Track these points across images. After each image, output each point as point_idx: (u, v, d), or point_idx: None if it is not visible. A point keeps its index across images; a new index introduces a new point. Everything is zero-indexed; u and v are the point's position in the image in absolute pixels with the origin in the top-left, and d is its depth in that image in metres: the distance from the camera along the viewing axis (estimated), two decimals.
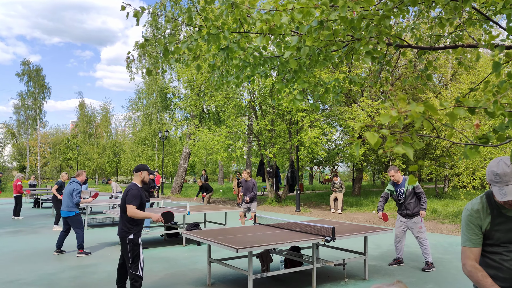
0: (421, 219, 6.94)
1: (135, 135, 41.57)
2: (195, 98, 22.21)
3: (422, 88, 21.55)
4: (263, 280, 6.24)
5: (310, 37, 2.57)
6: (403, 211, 7.07)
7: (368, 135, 1.53)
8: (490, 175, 2.19)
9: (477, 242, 2.33)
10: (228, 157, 18.75)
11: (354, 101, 21.18)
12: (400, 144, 1.51)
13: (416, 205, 6.97)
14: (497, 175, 2.14)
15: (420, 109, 1.46)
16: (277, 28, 2.54)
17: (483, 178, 12.88)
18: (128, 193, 5.03)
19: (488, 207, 2.30)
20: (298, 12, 2.36)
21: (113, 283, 6.06)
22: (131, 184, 5.24)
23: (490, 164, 2.21)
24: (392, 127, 18.49)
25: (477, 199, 2.36)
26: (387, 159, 22.40)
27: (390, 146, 1.53)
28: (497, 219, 2.28)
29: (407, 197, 6.97)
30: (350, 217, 14.43)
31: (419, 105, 1.50)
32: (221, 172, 48.30)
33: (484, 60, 19.99)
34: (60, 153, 55.20)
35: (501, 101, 1.62)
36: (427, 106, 1.49)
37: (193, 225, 9.49)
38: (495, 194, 2.17)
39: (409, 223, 7.02)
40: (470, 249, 2.33)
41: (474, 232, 2.32)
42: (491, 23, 3.06)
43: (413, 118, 1.49)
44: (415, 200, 6.98)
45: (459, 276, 6.38)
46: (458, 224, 11.94)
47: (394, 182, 7.19)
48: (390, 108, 1.52)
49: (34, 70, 46.23)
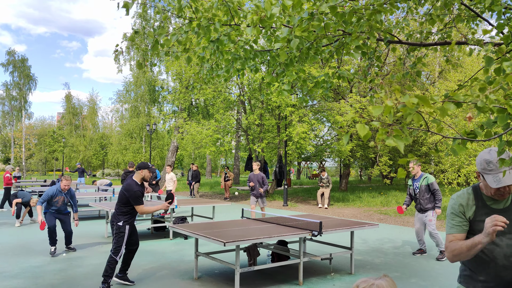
0: (432, 213, 7.25)
1: (122, 127, 41.20)
2: (184, 92, 22.07)
3: (410, 85, 21.73)
4: (250, 274, 6.25)
5: (300, 27, 2.56)
6: (417, 205, 7.43)
7: (358, 126, 1.53)
8: (483, 163, 2.18)
9: (461, 228, 2.32)
10: (216, 151, 18.70)
11: (343, 97, 21.28)
12: (391, 136, 1.51)
13: (429, 202, 7.27)
14: (490, 162, 2.14)
15: (414, 101, 1.47)
16: (267, 19, 2.52)
17: (468, 175, 13.08)
18: (130, 194, 5.35)
19: (474, 199, 2.32)
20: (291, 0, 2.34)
21: (98, 276, 6.01)
22: (131, 181, 5.42)
23: (481, 154, 2.21)
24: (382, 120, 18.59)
25: (463, 191, 2.37)
26: (374, 155, 22.58)
27: (382, 138, 1.52)
28: (481, 210, 2.29)
29: (420, 192, 7.30)
30: (337, 212, 14.54)
31: (413, 97, 1.50)
32: (209, 166, 48.19)
33: (472, 58, 20.24)
34: (45, 145, 54.43)
35: (489, 96, 1.63)
36: (421, 99, 1.49)
37: (181, 219, 9.46)
38: (489, 182, 2.16)
39: (422, 217, 7.36)
40: (453, 235, 2.33)
41: (458, 220, 2.33)
42: (477, 21, 3.09)
43: (406, 111, 1.49)
44: (429, 196, 7.28)
45: (442, 271, 6.48)
46: (443, 220, 12.12)
47: (413, 176, 7.53)
48: (386, 98, 1.52)
49: (20, 60, 45.42)
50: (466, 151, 10.04)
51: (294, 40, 2.64)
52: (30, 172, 54.71)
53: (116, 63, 31.65)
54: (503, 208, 2.26)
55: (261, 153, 19.22)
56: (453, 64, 16.88)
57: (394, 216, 13.13)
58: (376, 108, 1.51)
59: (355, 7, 2.59)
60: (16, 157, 48.47)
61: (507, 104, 1.70)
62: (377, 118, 1.71)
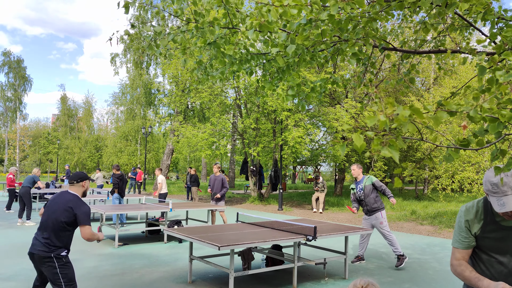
0: (381, 215, 7.12)
1: (117, 130, 41.07)
2: (180, 95, 22.07)
3: (405, 91, 21.87)
4: (244, 278, 6.25)
5: (300, 36, 2.59)
6: (364, 208, 7.31)
7: (354, 137, 1.54)
8: (488, 185, 2.11)
9: (466, 244, 2.29)
10: (212, 154, 18.69)
11: (338, 102, 21.36)
12: (386, 147, 1.53)
13: (375, 201, 7.16)
14: (494, 185, 2.07)
15: (406, 113, 1.49)
16: (268, 24, 2.55)
17: (462, 181, 13.16)
18: (81, 211, 3.92)
19: (482, 213, 2.25)
20: (293, 8, 2.36)
21: (93, 279, 5.99)
22: (73, 196, 4.02)
23: (487, 174, 2.14)
24: (375, 129, 18.71)
25: (473, 202, 2.30)
26: (369, 160, 22.67)
27: (377, 148, 1.54)
28: (488, 226, 2.23)
29: (365, 193, 7.19)
30: (332, 217, 14.56)
31: (405, 108, 1.52)
32: (205, 170, 48.11)
33: (466, 65, 20.41)
34: (40, 146, 54.15)
35: (482, 105, 1.66)
36: (413, 110, 1.52)
37: (175, 222, 9.45)
38: (493, 204, 2.10)
39: (371, 220, 7.22)
40: (458, 250, 2.30)
41: (463, 235, 2.29)
42: (470, 30, 3.14)
43: (400, 122, 1.51)
44: (374, 196, 7.18)
45: (436, 277, 6.51)
46: (437, 225, 12.18)
47: (355, 180, 7.39)
48: (378, 112, 1.54)
49: (15, 61, 45.25)
50: (460, 157, 10.07)
51: (290, 46, 2.66)
52: (24, 174, 54.36)
53: (113, 65, 31.62)
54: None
55: (256, 157, 19.23)
56: (445, 72, 17.01)
57: (388, 221, 13.18)
58: (371, 118, 1.53)
59: (351, 14, 2.63)
60: (10, 158, 48.15)
61: (499, 113, 1.73)
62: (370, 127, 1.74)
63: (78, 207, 3.93)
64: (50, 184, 18.32)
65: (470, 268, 2.23)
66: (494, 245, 2.24)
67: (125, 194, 11.69)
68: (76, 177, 4.10)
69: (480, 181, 12.78)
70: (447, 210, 15.00)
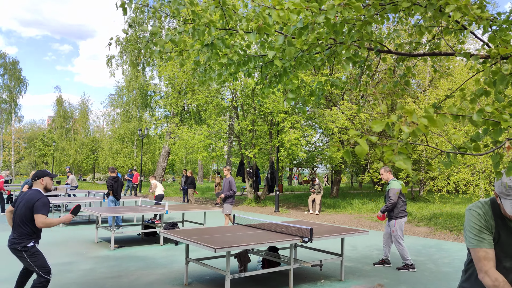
0: (394, 223, 7.08)
1: (114, 132, 40.96)
2: (176, 96, 22.05)
3: (401, 94, 21.96)
4: (240, 280, 6.25)
5: (300, 40, 2.60)
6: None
7: (361, 142, 1.48)
8: (501, 186, 2.02)
9: (492, 243, 2.07)
10: (208, 156, 18.68)
11: (335, 104, 21.42)
12: (399, 157, 1.46)
13: (392, 208, 7.11)
14: (510, 187, 1.98)
15: (425, 122, 1.44)
16: (268, 27, 2.56)
17: (457, 183, 13.22)
18: (36, 202, 4.36)
19: (493, 216, 2.13)
20: (292, 13, 2.38)
21: (89, 281, 5.97)
22: (34, 191, 4.48)
23: (504, 177, 2.04)
24: (381, 134, 18.76)
25: (481, 203, 2.18)
26: (365, 162, 22.72)
27: (390, 159, 1.50)
28: (500, 229, 2.11)
29: (386, 198, 7.18)
30: (328, 219, 14.58)
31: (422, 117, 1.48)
32: (201, 172, 48.08)
33: (460, 67, 20.53)
34: (35, 148, 53.91)
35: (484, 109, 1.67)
36: (429, 119, 1.48)
37: (171, 224, 9.43)
38: (506, 207, 2.00)
39: (388, 224, 7.24)
40: (486, 250, 2.03)
41: (486, 232, 2.09)
42: (465, 33, 3.16)
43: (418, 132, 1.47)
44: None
45: (432, 278, 6.54)
46: (433, 227, 12.22)
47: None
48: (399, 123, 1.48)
49: (10, 63, 45.03)
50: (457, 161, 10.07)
51: (288, 48, 2.67)
52: (19, 176, 54.08)
53: (109, 67, 31.55)
54: None
55: (253, 159, 19.23)
56: (441, 74, 17.10)
57: (385, 223, 13.21)
58: (377, 123, 1.48)
59: (346, 17, 2.65)
60: (5, 160, 47.90)
61: (501, 118, 1.73)
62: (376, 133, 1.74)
63: (35, 198, 4.41)
64: None
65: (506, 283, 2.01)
66: (505, 250, 2.14)
67: (120, 197, 11.65)
68: (34, 176, 4.62)
69: (476, 183, 12.84)
70: (442, 211, 15.06)
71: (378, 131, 1.51)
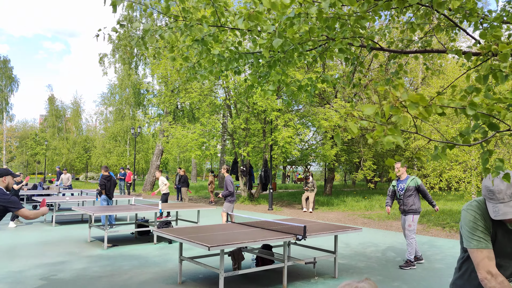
0: (412, 218, 7.14)
1: (106, 130, 40.75)
2: (169, 95, 21.96)
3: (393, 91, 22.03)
4: (234, 278, 6.25)
5: (290, 30, 2.59)
6: (400, 207, 7.34)
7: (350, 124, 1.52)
8: (485, 190, 2.06)
9: (491, 243, 2.08)
10: (202, 155, 18.64)
11: (328, 102, 21.47)
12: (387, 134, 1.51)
13: (413, 203, 7.18)
14: (491, 191, 2.02)
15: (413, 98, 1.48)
16: (258, 14, 2.54)
17: (450, 180, 13.32)
18: (6, 202, 4.34)
19: (489, 215, 2.14)
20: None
21: (82, 281, 5.94)
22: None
23: (485, 179, 2.08)
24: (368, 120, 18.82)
25: (478, 202, 2.18)
26: (358, 160, 22.81)
27: (379, 135, 1.52)
28: (496, 229, 2.12)
29: (406, 194, 7.23)
30: (322, 216, 14.63)
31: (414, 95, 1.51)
32: (194, 170, 48.01)
33: (452, 65, 20.66)
34: (27, 147, 53.45)
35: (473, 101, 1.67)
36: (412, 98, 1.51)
37: (165, 223, 9.40)
38: (489, 210, 2.04)
39: (404, 219, 7.29)
40: (488, 251, 2.03)
41: (486, 232, 2.09)
42: (456, 30, 3.18)
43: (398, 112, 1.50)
44: (413, 197, 7.20)
45: (425, 275, 6.58)
46: (425, 224, 12.30)
47: (398, 178, 7.48)
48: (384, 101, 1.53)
49: (1, 62, 44.61)
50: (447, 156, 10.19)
51: (276, 40, 2.66)
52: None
53: (101, 66, 31.33)
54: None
55: (246, 157, 19.23)
56: (433, 72, 17.21)
57: (378, 220, 13.28)
58: (368, 107, 1.52)
59: (339, 13, 2.64)
60: None
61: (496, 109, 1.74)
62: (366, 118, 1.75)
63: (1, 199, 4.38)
64: (38, 186, 18.10)
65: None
66: (502, 250, 2.15)
67: (113, 196, 11.59)
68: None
69: (467, 180, 12.94)
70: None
71: (369, 114, 1.53)
